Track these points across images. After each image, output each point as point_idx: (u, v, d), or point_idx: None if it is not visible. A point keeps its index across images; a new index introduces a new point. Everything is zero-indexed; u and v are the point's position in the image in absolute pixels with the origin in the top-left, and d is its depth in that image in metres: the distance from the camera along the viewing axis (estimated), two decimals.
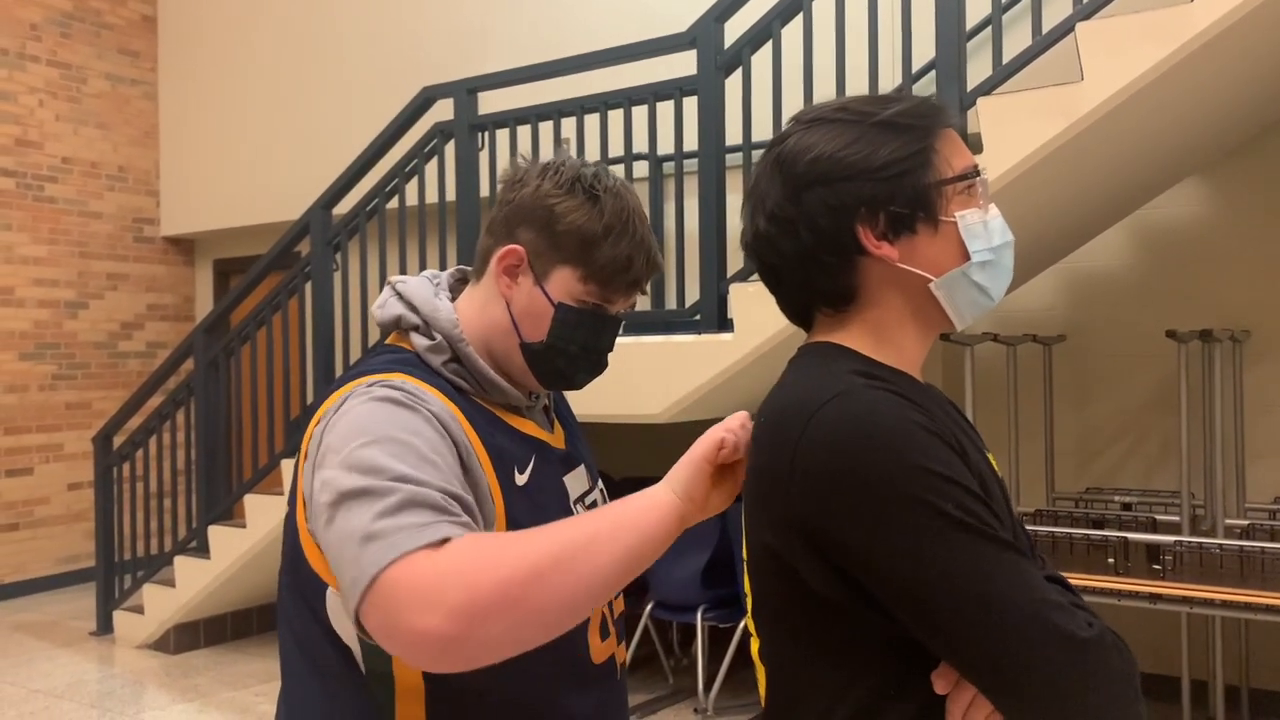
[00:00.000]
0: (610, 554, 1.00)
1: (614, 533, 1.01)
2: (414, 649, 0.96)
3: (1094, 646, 0.90)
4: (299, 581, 1.21)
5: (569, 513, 1.30)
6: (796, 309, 1.12)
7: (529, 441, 1.29)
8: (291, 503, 1.24)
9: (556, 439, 1.36)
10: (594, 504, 1.37)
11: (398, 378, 1.19)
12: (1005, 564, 0.91)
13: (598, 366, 1.33)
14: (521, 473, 1.24)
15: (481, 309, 1.30)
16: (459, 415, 1.20)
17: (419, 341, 1.27)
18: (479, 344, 1.29)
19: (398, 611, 0.95)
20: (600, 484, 1.44)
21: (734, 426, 1.10)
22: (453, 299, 1.34)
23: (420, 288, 1.31)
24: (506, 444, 1.25)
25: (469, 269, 1.39)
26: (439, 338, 1.27)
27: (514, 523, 1.19)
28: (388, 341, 1.34)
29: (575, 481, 1.35)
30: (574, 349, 1.28)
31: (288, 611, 1.25)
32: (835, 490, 0.94)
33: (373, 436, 1.09)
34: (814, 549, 0.96)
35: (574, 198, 1.27)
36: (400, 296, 1.31)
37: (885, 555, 0.92)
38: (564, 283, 1.27)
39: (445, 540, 1.00)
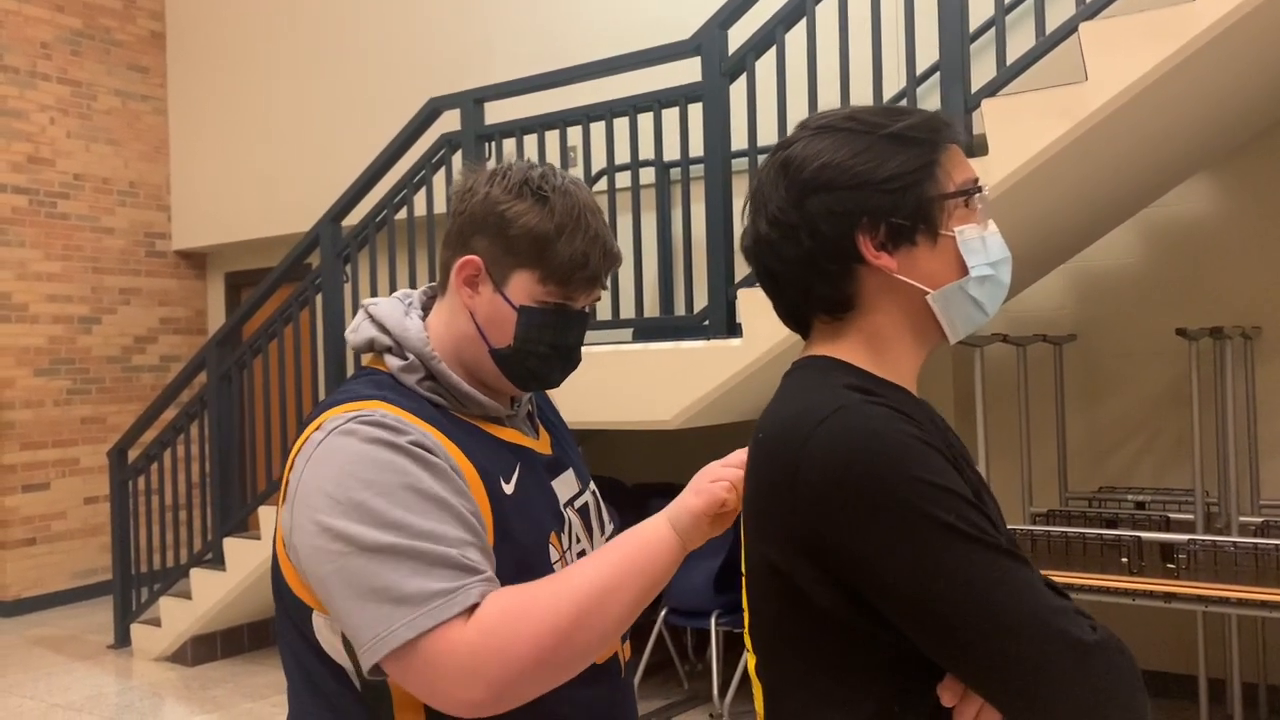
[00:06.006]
0: (624, 601, 1.13)
1: (627, 580, 1.14)
2: (456, 712, 1.10)
3: (1100, 650, 0.90)
4: (284, 606, 1.24)
5: (559, 517, 1.32)
6: (795, 315, 1.13)
7: (512, 449, 1.31)
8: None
9: (542, 445, 1.38)
10: (584, 507, 1.39)
11: (376, 407, 1.20)
12: (1008, 571, 0.91)
13: (570, 363, 1.34)
14: (508, 481, 1.26)
15: (449, 322, 1.32)
16: (441, 437, 1.21)
17: (393, 362, 1.28)
18: (451, 357, 1.30)
19: (438, 681, 1.08)
20: (591, 486, 1.45)
21: (736, 479, 1.15)
22: (426, 316, 1.35)
23: (391, 309, 1.33)
24: (490, 455, 1.26)
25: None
26: (411, 357, 1.28)
27: (504, 531, 1.21)
28: (365, 364, 1.35)
29: (564, 485, 1.36)
30: (543, 349, 1.29)
31: (283, 632, 1.27)
32: (838, 503, 0.94)
33: (377, 488, 1.12)
34: (818, 563, 0.97)
35: (523, 200, 1.28)
36: (372, 319, 1.32)
37: (890, 567, 0.92)
38: (523, 286, 1.28)
39: (474, 606, 1.10)
